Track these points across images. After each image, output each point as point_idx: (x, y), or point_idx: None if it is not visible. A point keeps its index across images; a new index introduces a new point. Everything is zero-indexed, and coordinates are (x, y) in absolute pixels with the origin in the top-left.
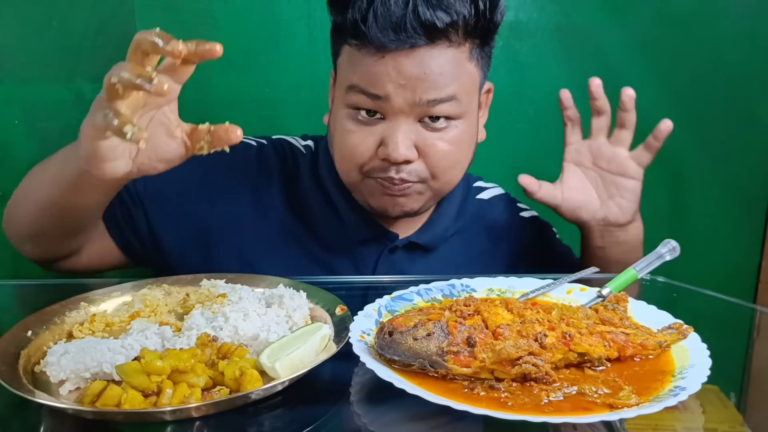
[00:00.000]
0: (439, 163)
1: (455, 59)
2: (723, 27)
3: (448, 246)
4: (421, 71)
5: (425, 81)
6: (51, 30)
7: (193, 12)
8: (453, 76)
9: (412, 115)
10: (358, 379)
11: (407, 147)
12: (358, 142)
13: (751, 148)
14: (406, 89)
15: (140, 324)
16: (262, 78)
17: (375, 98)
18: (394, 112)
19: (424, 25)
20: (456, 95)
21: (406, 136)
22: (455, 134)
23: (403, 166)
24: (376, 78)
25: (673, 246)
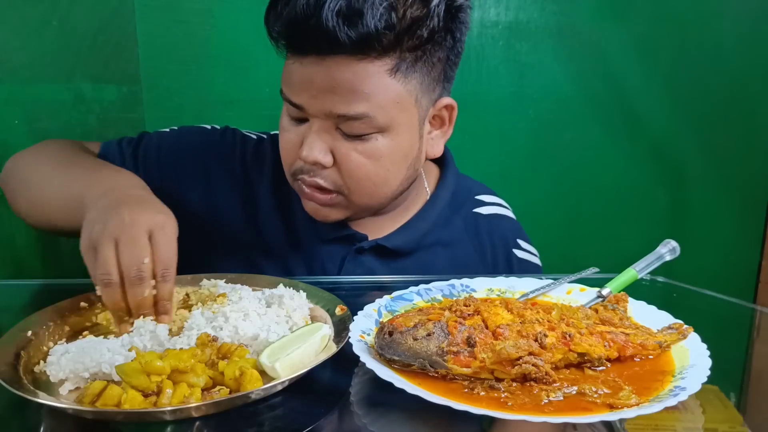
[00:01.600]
0: (352, 173)
1: (370, 74)
2: (723, 27)
3: (430, 253)
4: (329, 83)
5: (334, 94)
6: (51, 30)
7: (193, 12)
8: (365, 93)
9: (329, 120)
10: (358, 379)
11: (320, 150)
12: (287, 140)
13: (751, 148)
14: (317, 100)
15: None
16: (262, 78)
17: (295, 105)
18: (311, 117)
19: (327, 36)
20: (368, 113)
21: (321, 139)
22: (374, 147)
23: (318, 170)
24: (294, 85)
25: (673, 246)
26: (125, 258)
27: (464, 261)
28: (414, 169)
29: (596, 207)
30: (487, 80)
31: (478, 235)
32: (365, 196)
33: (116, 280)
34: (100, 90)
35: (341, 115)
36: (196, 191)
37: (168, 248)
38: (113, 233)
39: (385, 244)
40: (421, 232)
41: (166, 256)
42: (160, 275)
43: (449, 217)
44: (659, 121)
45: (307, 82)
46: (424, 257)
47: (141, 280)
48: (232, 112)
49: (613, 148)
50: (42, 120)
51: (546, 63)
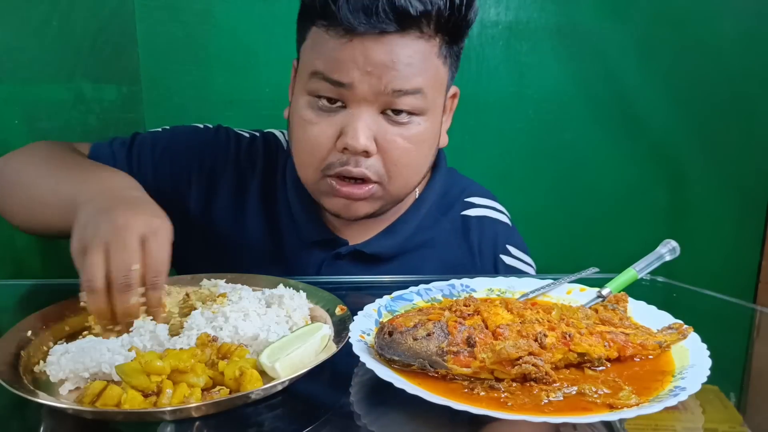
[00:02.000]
0: (398, 160)
1: (424, 52)
2: (723, 27)
3: (416, 257)
4: (389, 59)
5: (392, 69)
6: (51, 30)
7: (193, 12)
8: (421, 69)
9: (376, 104)
10: (358, 379)
11: (367, 137)
12: (318, 133)
13: (751, 148)
14: (372, 76)
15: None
16: (262, 78)
17: (338, 85)
18: (356, 101)
19: (397, 10)
20: (422, 89)
21: (367, 125)
22: (417, 131)
23: (362, 159)
24: (341, 63)
25: (673, 246)
26: (114, 263)
27: (452, 263)
28: (434, 155)
29: (596, 207)
30: (487, 80)
31: (466, 238)
32: (402, 184)
33: (100, 286)
34: (100, 90)
35: (397, 91)
36: (192, 190)
37: (160, 255)
38: (104, 237)
39: (364, 249)
40: (403, 236)
41: (157, 263)
42: (150, 283)
43: (437, 219)
44: (659, 121)
45: (361, 60)
46: (408, 261)
47: (128, 287)
48: (232, 112)
49: (613, 148)
50: (42, 120)
51: (546, 63)
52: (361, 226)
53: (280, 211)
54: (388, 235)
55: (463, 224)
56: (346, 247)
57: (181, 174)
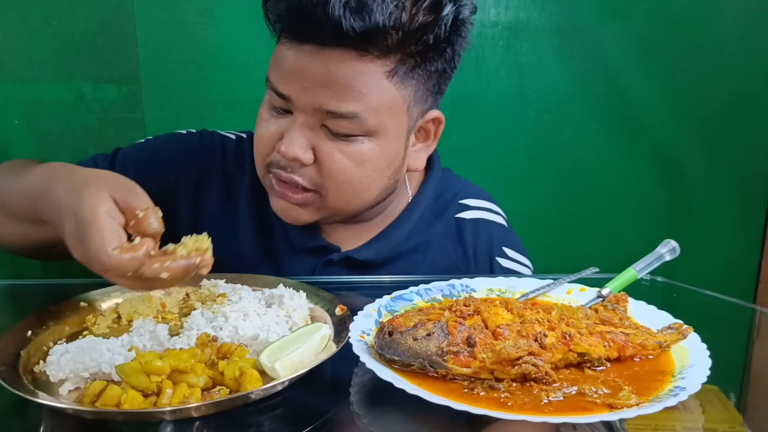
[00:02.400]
0: (333, 175)
1: (368, 73)
2: (723, 27)
3: (408, 261)
4: (324, 77)
5: (328, 88)
6: (51, 30)
7: (193, 12)
8: (360, 93)
9: (315, 117)
10: (358, 379)
11: (301, 146)
12: (265, 131)
13: (751, 148)
14: (308, 92)
15: (140, 323)
16: (262, 78)
17: (280, 96)
18: (296, 110)
19: (333, 23)
20: (359, 114)
21: (304, 135)
22: (359, 150)
23: (295, 166)
24: (285, 74)
25: (673, 246)
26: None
27: (446, 268)
28: (395, 179)
29: (596, 207)
30: (487, 80)
31: (461, 241)
32: (342, 200)
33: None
34: (100, 90)
35: (331, 112)
36: (180, 199)
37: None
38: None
39: (355, 256)
40: (395, 242)
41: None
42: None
43: (431, 222)
44: (659, 121)
45: (300, 73)
46: (401, 266)
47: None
48: (232, 112)
49: (613, 148)
50: (42, 120)
51: (546, 63)
52: (351, 232)
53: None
54: (381, 240)
55: (457, 227)
56: (338, 254)
57: (167, 184)
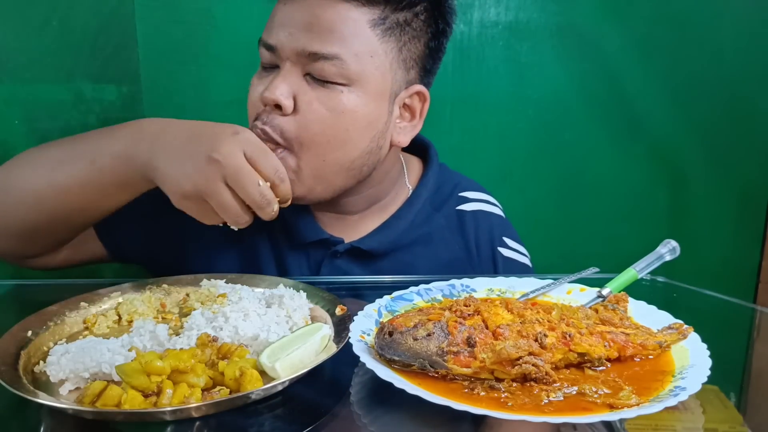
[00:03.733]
0: (309, 124)
1: (351, 18)
2: (723, 27)
3: (409, 253)
4: (308, 20)
5: (310, 31)
6: (51, 30)
7: (193, 12)
8: (345, 35)
9: (298, 66)
10: (358, 379)
11: (282, 92)
12: (254, 92)
13: (751, 148)
14: (292, 37)
15: (140, 324)
16: None
17: (270, 49)
18: (282, 61)
19: None
20: (341, 55)
21: (286, 81)
22: (337, 99)
23: (275, 115)
24: (273, 26)
25: (673, 246)
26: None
27: (448, 259)
28: (378, 146)
29: (596, 207)
30: (487, 80)
31: (463, 233)
32: (318, 157)
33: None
34: (100, 90)
35: (313, 53)
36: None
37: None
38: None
39: (360, 246)
40: (397, 233)
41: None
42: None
43: (430, 215)
44: (659, 121)
45: (287, 21)
46: (403, 257)
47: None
48: (232, 112)
49: (614, 148)
50: (42, 120)
51: (546, 63)
52: (352, 224)
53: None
54: (383, 231)
55: (458, 219)
56: (343, 245)
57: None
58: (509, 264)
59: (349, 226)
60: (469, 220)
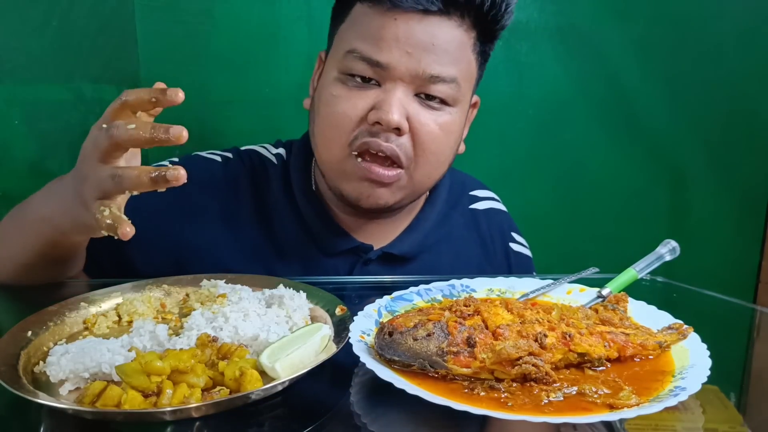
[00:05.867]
0: (427, 144)
1: (462, 42)
2: (723, 27)
3: (433, 254)
4: (430, 41)
5: (432, 53)
6: (51, 30)
7: (193, 12)
8: (457, 58)
9: (411, 86)
10: (358, 379)
11: (401, 114)
12: (348, 106)
13: (751, 148)
14: (411, 58)
15: (140, 324)
16: (262, 78)
17: (375, 65)
18: (392, 80)
19: None
20: (457, 78)
21: (402, 103)
22: (447, 120)
23: (393, 136)
24: (381, 42)
25: (673, 246)
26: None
27: (467, 256)
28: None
29: (596, 207)
30: (487, 80)
31: (478, 231)
32: (426, 174)
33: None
34: (100, 90)
35: (434, 76)
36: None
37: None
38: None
39: (392, 251)
40: (424, 233)
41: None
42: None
43: (448, 214)
44: (659, 121)
45: (403, 39)
46: (429, 258)
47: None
48: (232, 112)
49: (614, 149)
50: (42, 120)
51: (546, 63)
52: (379, 230)
53: (288, 228)
54: (410, 234)
55: (473, 218)
56: (375, 251)
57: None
58: (519, 258)
59: (376, 231)
60: (482, 218)
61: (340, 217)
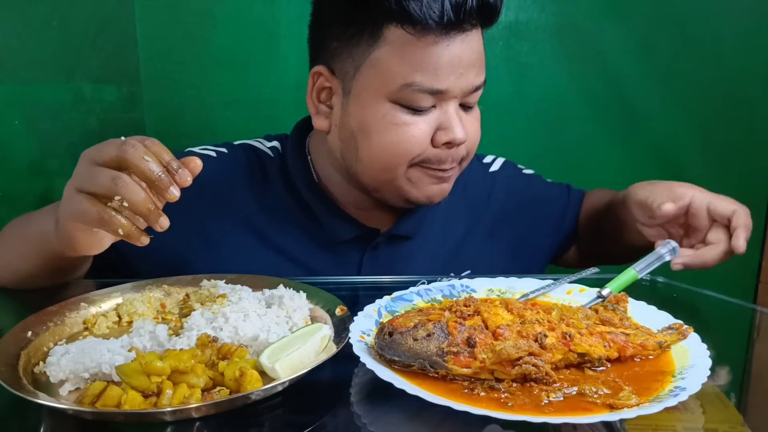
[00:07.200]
0: (474, 141)
1: (482, 43)
2: (723, 27)
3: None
4: (473, 56)
5: (475, 67)
6: (51, 30)
7: (193, 12)
8: (483, 60)
9: (459, 99)
10: (358, 379)
11: (463, 129)
12: (416, 132)
13: (751, 148)
14: (462, 77)
15: (140, 324)
16: (261, 78)
17: (436, 93)
18: (447, 100)
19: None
20: (484, 79)
21: (459, 118)
22: (477, 114)
23: (455, 149)
24: (440, 71)
25: (673, 246)
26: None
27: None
28: None
29: None
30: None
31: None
32: (470, 159)
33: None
34: (100, 90)
35: (477, 86)
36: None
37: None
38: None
39: (398, 232)
40: (423, 210)
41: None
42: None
43: None
44: (659, 121)
45: (456, 62)
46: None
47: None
48: (232, 112)
49: (613, 148)
50: (42, 120)
51: (546, 63)
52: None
53: (292, 219)
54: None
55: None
56: (382, 235)
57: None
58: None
59: (379, 215)
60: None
61: (346, 206)
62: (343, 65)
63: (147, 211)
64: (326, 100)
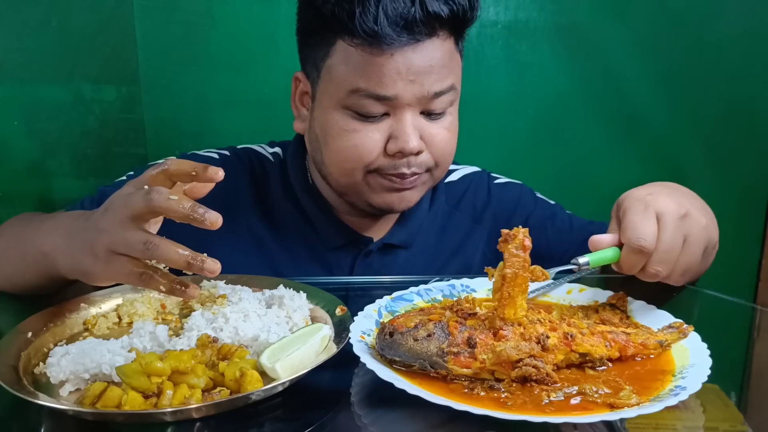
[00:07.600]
0: (442, 151)
1: (450, 50)
2: (723, 26)
3: (428, 236)
4: (427, 65)
5: (431, 74)
6: (51, 30)
7: (193, 12)
8: (451, 67)
9: (418, 107)
10: (359, 379)
11: (417, 138)
12: (364, 139)
13: (751, 147)
14: (414, 84)
15: (140, 325)
16: (261, 78)
17: (383, 99)
18: (401, 107)
19: (431, 17)
20: (454, 84)
21: (414, 128)
22: (451, 121)
23: (413, 158)
24: (385, 78)
25: None
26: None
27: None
28: None
29: (596, 207)
30: (487, 80)
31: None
32: (443, 170)
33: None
34: (100, 90)
35: (436, 93)
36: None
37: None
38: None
39: (392, 241)
40: (419, 221)
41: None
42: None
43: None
44: (659, 121)
45: (404, 70)
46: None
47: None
48: (232, 112)
49: (613, 148)
50: (42, 120)
51: (545, 63)
52: (374, 221)
53: (289, 224)
54: (405, 222)
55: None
56: (375, 243)
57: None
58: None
59: (372, 223)
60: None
61: (340, 213)
62: (311, 72)
63: (187, 265)
64: (306, 104)
